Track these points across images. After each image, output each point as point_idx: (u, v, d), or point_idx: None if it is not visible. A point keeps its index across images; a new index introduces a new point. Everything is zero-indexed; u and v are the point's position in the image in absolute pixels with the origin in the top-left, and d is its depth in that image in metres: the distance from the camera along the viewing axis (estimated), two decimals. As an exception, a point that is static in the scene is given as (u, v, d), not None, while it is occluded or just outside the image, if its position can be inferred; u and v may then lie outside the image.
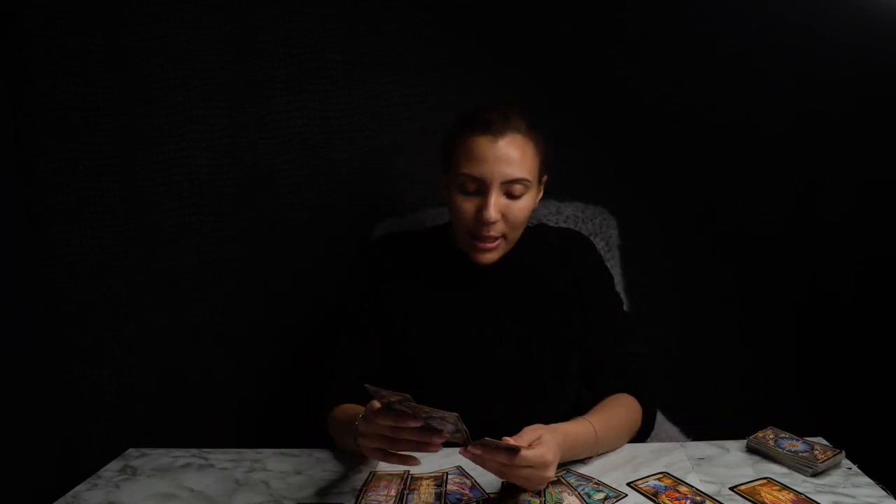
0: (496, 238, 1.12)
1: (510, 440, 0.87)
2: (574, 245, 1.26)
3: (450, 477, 1.00)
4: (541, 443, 0.89)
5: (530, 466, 0.87)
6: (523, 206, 1.11)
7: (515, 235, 1.15)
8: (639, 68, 1.67)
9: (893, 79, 1.64)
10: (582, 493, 0.95)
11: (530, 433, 0.92)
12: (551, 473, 0.90)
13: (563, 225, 1.47)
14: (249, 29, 1.63)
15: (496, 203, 1.08)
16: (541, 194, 1.19)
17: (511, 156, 1.08)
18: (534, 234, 1.25)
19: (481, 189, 1.09)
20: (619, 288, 1.33)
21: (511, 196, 1.10)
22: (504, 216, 1.10)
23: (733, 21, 1.63)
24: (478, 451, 0.86)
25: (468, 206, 1.11)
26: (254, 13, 1.63)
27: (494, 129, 1.08)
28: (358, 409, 1.10)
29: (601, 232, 1.48)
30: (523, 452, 0.86)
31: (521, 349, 1.17)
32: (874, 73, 1.63)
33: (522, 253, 1.21)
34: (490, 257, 1.14)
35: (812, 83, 1.65)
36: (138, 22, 1.62)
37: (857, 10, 1.59)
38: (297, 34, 1.64)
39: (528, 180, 1.09)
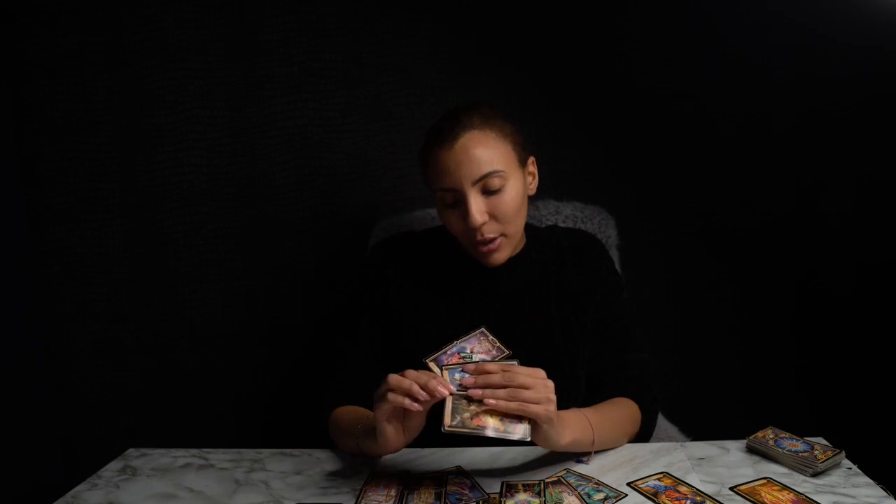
0: (494, 238, 1.10)
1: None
2: (587, 248, 1.24)
3: (450, 477, 1.00)
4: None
5: (526, 387, 0.89)
6: (508, 199, 1.08)
7: (514, 229, 1.12)
8: (638, 68, 1.67)
9: (893, 78, 1.64)
10: (582, 493, 0.95)
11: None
12: (552, 394, 0.90)
13: (563, 225, 1.47)
14: (249, 29, 1.63)
15: (476, 205, 1.06)
16: (534, 181, 1.17)
17: (472, 155, 1.06)
18: (545, 235, 1.24)
19: (458, 198, 1.08)
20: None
21: (490, 192, 1.07)
22: (491, 214, 1.08)
23: (733, 21, 1.64)
24: (471, 381, 0.91)
25: (454, 217, 1.10)
26: (254, 13, 1.63)
27: (446, 136, 1.07)
28: (360, 410, 1.11)
29: (601, 232, 1.48)
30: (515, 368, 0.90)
31: (529, 350, 1.16)
32: (874, 73, 1.63)
33: (533, 254, 1.20)
34: (497, 258, 1.12)
35: (812, 82, 1.65)
36: (138, 22, 1.62)
37: (857, 10, 1.59)
38: (297, 34, 1.64)
39: (499, 171, 1.07)
